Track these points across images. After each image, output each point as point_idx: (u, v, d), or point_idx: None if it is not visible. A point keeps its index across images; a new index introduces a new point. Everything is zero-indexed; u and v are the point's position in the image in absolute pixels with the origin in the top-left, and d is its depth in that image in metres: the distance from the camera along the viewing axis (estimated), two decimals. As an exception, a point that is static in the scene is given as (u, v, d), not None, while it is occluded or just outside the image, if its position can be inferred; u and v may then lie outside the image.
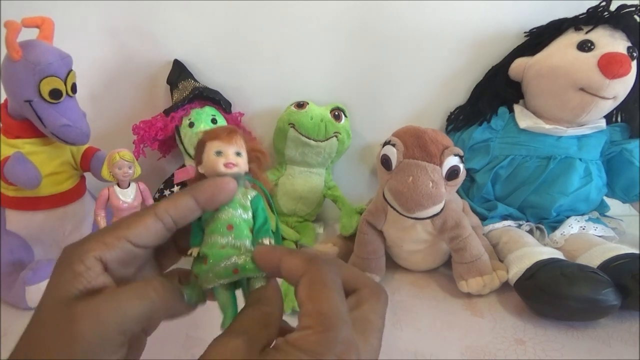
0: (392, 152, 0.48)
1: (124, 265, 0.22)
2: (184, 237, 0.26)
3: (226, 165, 0.25)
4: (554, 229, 0.59)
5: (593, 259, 0.49)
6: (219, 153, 0.25)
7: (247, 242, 0.25)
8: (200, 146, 0.26)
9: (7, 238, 0.51)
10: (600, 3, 0.58)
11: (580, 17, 0.59)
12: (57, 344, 0.19)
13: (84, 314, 0.19)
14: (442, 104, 0.71)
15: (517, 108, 0.63)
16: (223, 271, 0.23)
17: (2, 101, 0.51)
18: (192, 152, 0.62)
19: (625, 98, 0.57)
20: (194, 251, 0.25)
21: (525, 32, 0.65)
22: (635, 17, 0.57)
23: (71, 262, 0.20)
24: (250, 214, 0.25)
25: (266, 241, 0.25)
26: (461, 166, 0.47)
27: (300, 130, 0.63)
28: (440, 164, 0.47)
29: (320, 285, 0.20)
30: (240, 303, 0.25)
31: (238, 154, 0.26)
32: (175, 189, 0.63)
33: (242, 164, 0.26)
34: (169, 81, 0.66)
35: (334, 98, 0.69)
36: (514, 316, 0.47)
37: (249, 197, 0.26)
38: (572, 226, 0.58)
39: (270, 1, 0.65)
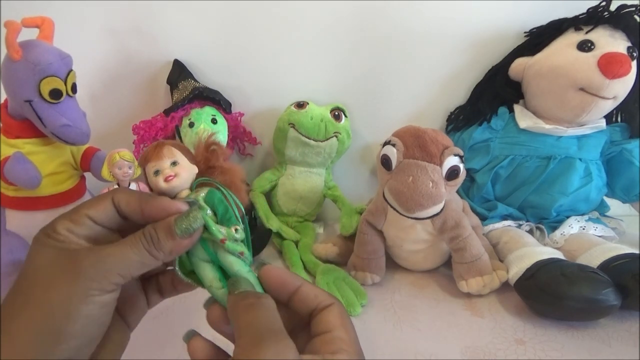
0: (392, 152, 0.48)
1: (93, 241, 0.23)
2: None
3: (165, 180, 0.26)
4: (554, 229, 0.59)
5: (593, 259, 0.49)
6: (156, 172, 0.26)
7: (219, 232, 0.24)
8: (145, 173, 0.27)
9: (7, 238, 0.51)
10: (600, 3, 0.58)
11: (580, 17, 0.59)
12: (59, 280, 0.21)
13: (88, 255, 0.21)
14: (442, 104, 0.71)
15: (517, 108, 0.63)
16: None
17: (2, 101, 0.51)
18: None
19: (625, 98, 0.57)
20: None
21: (525, 32, 0.65)
22: (635, 17, 0.57)
23: (47, 235, 0.22)
24: (208, 211, 0.25)
25: (232, 229, 0.25)
26: (461, 166, 0.47)
27: (300, 130, 0.63)
28: (440, 164, 0.47)
29: (348, 318, 0.24)
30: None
31: (174, 163, 0.27)
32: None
33: (181, 171, 0.26)
34: (169, 81, 0.66)
35: (334, 98, 0.69)
36: (514, 316, 0.47)
37: (201, 196, 0.25)
38: (572, 226, 0.58)
39: (270, 1, 0.65)
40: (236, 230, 0.25)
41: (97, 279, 0.21)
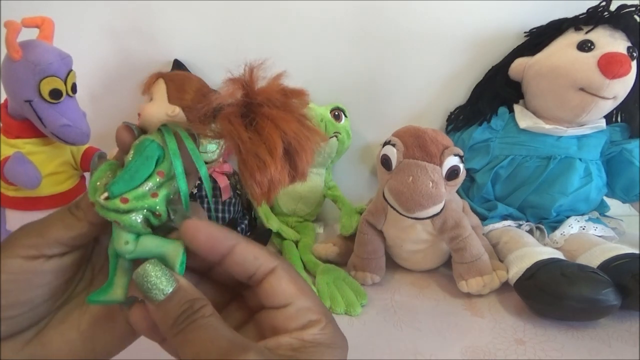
0: (392, 152, 0.48)
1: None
2: None
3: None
4: (554, 229, 0.59)
5: (593, 259, 0.49)
6: None
7: (93, 190, 0.21)
8: None
9: (7, 238, 0.51)
10: (600, 3, 0.58)
11: (580, 17, 0.59)
12: None
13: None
14: (442, 104, 0.71)
15: (517, 108, 0.63)
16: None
17: (2, 101, 0.51)
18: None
19: (625, 98, 0.57)
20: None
21: (525, 32, 0.65)
22: (635, 17, 0.57)
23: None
24: (127, 158, 0.22)
25: (103, 195, 0.20)
26: (461, 166, 0.47)
27: (300, 130, 0.62)
28: (440, 164, 0.47)
29: (302, 280, 0.21)
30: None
31: (150, 100, 0.23)
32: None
33: (146, 109, 0.22)
34: (169, 81, 0.66)
35: (334, 98, 0.69)
36: (514, 316, 0.47)
37: (136, 142, 0.22)
38: (572, 226, 0.58)
39: (270, 1, 0.65)
40: (106, 198, 0.20)
41: (16, 242, 0.21)
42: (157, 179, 0.21)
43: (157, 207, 0.21)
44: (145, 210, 0.21)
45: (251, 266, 0.20)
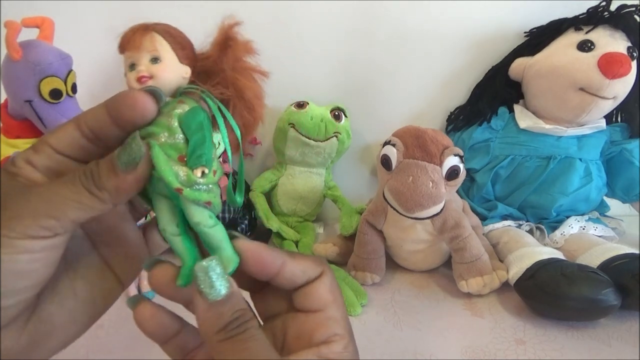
0: (392, 152, 0.48)
1: (53, 174, 0.19)
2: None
3: (138, 80, 0.19)
4: (554, 229, 0.59)
5: (593, 259, 0.49)
6: (132, 66, 0.19)
7: (174, 175, 0.19)
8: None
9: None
10: (600, 3, 0.58)
11: (580, 17, 0.59)
12: None
13: (17, 194, 0.18)
14: (442, 104, 0.71)
15: (517, 108, 0.63)
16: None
17: (2, 101, 0.51)
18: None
19: (625, 98, 0.57)
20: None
21: (525, 32, 0.65)
22: (635, 17, 0.57)
23: (6, 167, 0.19)
24: (179, 136, 0.19)
25: (197, 172, 0.19)
26: (461, 166, 0.47)
27: (300, 130, 0.63)
28: (440, 164, 0.47)
29: (339, 291, 0.21)
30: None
31: (155, 59, 0.20)
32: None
33: (161, 72, 0.20)
34: (169, 81, 0.66)
35: (334, 98, 0.69)
36: (514, 316, 0.47)
37: (176, 114, 0.19)
38: (572, 226, 0.58)
39: (270, 1, 0.65)
40: (203, 173, 0.19)
41: (23, 222, 0.17)
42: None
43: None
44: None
45: (300, 280, 0.21)
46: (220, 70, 0.19)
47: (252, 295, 0.23)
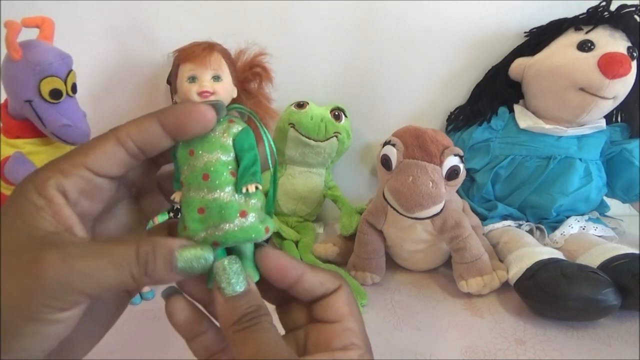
0: (392, 152, 0.48)
1: (88, 198, 0.19)
2: (168, 178, 0.23)
3: (200, 94, 0.21)
4: (554, 229, 0.59)
5: (593, 259, 0.49)
6: (192, 79, 0.21)
7: (226, 192, 0.20)
8: (174, 70, 0.21)
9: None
10: (600, 3, 0.58)
11: (580, 17, 0.59)
12: (17, 286, 0.17)
13: (52, 261, 0.17)
14: (442, 104, 0.71)
15: (517, 108, 0.63)
16: (203, 243, 0.20)
17: (2, 101, 0.51)
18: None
19: (625, 98, 0.57)
20: (177, 196, 0.21)
21: (525, 32, 0.65)
22: (635, 17, 0.57)
23: (29, 195, 0.17)
24: (232, 155, 0.20)
25: (252, 187, 0.20)
26: (461, 166, 0.47)
27: (300, 130, 0.63)
28: (440, 164, 0.47)
29: (356, 305, 0.22)
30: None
31: (217, 77, 0.21)
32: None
33: (221, 91, 0.21)
34: (169, 81, 0.66)
35: (334, 98, 0.69)
36: (514, 316, 0.47)
37: (232, 133, 0.20)
38: (572, 226, 0.58)
39: (270, 1, 0.65)
40: (256, 188, 0.20)
41: (57, 296, 0.17)
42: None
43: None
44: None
45: (318, 291, 0.22)
46: (244, 92, 0.21)
47: (277, 309, 0.25)
